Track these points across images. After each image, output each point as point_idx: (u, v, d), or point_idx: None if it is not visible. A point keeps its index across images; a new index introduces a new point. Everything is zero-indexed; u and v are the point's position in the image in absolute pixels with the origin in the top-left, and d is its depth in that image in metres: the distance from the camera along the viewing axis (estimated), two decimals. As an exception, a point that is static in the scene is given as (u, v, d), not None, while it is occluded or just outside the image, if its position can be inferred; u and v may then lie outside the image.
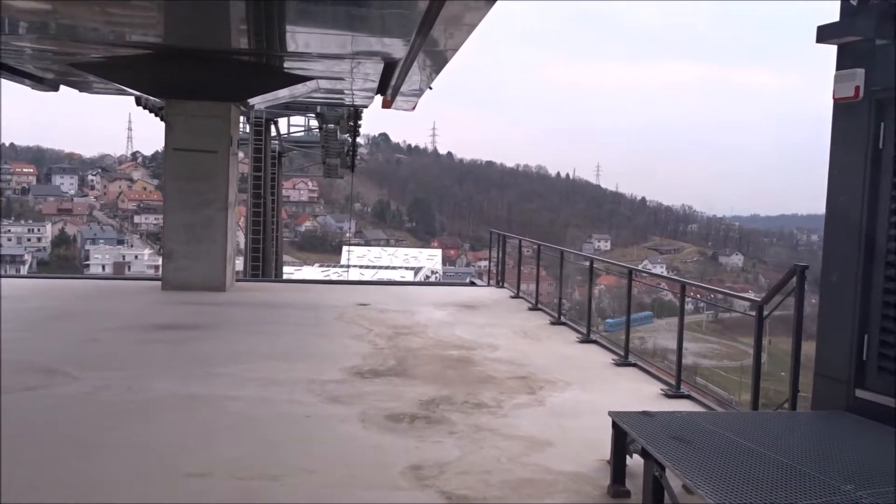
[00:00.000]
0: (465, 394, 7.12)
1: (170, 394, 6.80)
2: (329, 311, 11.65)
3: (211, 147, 12.91)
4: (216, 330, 9.93)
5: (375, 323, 10.73)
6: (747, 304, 10.94)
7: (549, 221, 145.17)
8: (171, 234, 13.04)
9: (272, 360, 8.28)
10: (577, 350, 9.45)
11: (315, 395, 6.90)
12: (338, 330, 10.20)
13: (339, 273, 51.19)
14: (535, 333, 10.41)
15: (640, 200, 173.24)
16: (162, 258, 13.40)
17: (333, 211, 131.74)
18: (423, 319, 11.19)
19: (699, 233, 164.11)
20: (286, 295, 13.42)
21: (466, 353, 8.97)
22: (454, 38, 9.74)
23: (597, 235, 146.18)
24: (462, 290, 15.18)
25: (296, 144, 30.47)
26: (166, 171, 13.09)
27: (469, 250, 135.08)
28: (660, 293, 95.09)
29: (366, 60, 11.23)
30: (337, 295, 13.58)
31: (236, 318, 10.91)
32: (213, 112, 12.87)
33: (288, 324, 10.54)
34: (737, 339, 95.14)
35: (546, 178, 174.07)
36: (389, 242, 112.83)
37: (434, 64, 11.02)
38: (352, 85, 14.78)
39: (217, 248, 13.03)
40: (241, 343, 9.16)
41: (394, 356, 8.64)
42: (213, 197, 12.99)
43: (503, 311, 12.25)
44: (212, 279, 13.00)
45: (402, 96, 15.19)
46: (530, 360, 8.66)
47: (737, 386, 77.79)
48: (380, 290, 14.53)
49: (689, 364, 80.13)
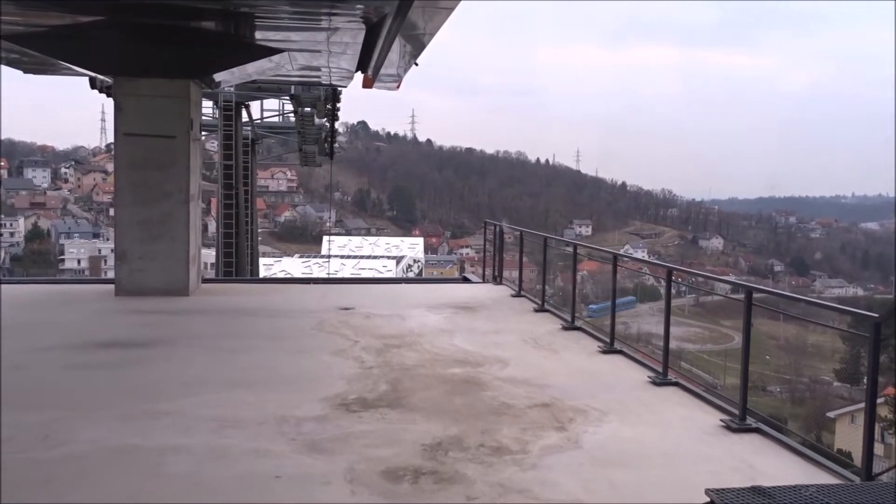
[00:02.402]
0: (478, 432, 5.63)
1: (96, 446, 5.23)
2: (307, 317, 10.09)
3: (168, 131, 11.26)
4: (171, 347, 8.33)
5: (361, 332, 9.20)
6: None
7: (530, 207, 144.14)
8: (123, 231, 11.38)
9: (235, 388, 6.73)
10: (602, 363, 7.97)
11: (288, 441, 5.38)
12: (317, 343, 8.64)
13: (319, 263, 49.51)
14: (547, 342, 8.92)
15: (620, 185, 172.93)
16: (114, 260, 11.76)
17: (313, 200, 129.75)
18: (415, 326, 9.67)
19: (679, 217, 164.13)
20: (259, 298, 11.84)
21: (472, 371, 7.48)
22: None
23: (578, 221, 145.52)
24: (456, 288, 13.66)
25: (270, 131, 28.65)
26: (116, 159, 11.43)
27: (450, 238, 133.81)
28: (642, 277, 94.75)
29: (344, 24, 9.59)
30: (316, 297, 12.02)
31: (197, 330, 9.32)
32: (169, 91, 11.21)
33: (258, 337, 8.96)
34: (718, 323, 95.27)
35: (526, 164, 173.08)
36: (370, 231, 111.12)
37: (426, 26, 9.42)
38: (328, 60, 13.14)
39: (177, 247, 11.41)
40: (198, 365, 7.58)
41: (385, 378, 7.13)
42: (171, 188, 11.35)
43: (506, 314, 10.76)
44: (172, 282, 11.38)
45: (385, 74, 13.57)
46: (549, 379, 7.19)
47: (721, 370, 77.33)
48: (364, 290, 12.99)
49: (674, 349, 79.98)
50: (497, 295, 12.37)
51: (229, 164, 22.56)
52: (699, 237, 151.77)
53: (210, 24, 10.33)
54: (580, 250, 11.25)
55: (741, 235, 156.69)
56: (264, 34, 10.77)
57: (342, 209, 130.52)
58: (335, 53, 12.10)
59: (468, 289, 13.47)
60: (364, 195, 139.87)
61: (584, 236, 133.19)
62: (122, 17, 9.96)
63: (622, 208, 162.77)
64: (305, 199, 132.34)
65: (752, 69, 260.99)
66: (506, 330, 9.57)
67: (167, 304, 10.74)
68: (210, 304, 11.09)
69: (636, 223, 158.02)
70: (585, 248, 11.03)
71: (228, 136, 22.55)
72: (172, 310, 10.41)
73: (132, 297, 11.22)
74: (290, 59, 12.40)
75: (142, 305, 10.63)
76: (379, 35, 10.82)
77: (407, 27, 9.84)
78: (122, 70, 11.08)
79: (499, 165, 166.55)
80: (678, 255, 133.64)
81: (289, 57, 12.06)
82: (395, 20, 9.77)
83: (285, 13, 9.07)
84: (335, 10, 8.79)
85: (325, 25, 9.53)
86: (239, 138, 23.01)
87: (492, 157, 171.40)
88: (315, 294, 12.44)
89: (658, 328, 50.27)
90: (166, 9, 9.46)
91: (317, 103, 21.95)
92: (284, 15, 9.08)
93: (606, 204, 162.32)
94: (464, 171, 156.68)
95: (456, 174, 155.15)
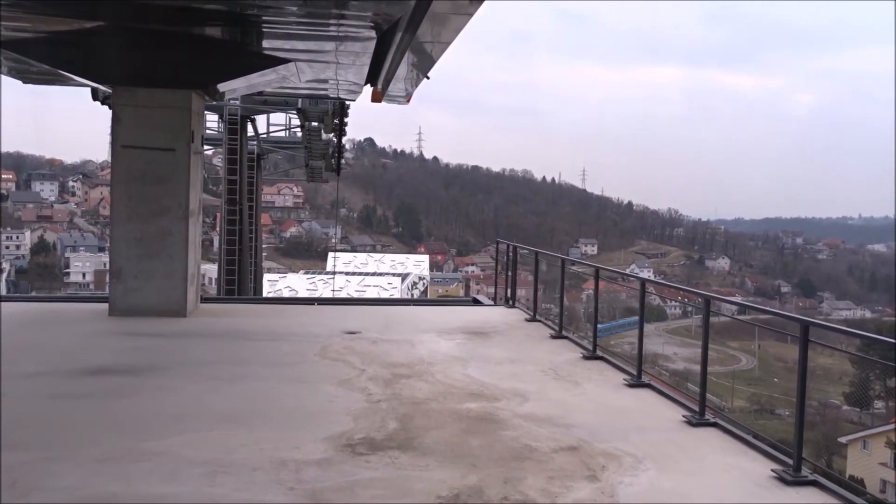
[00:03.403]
0: (500, 481, 5.01)
1: (70, 495, 4.62)
2: (310, 342, 9.48)
3: (167, 144, 10.72)
4: (163, 375, 7.72)
5: (367, 360, 8.59)
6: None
7: (536, 225, 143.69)
8: (119, 248, 10.81)
9: (229, 424, 6.12)
10: (629, 399, 7.33)
11: (285, 491, 4.76)
12: (320, 371, 8.03)
13: (324, 280, 48.92)
14: (567, 373, 8.29)
15: (626, 204, 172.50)
16: (109, 277, 11.18)
17: (319, 216, 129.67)
18: (425, 353, 9.05)
19: (685, 236, 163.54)
20: (260, 320, 11.23)
21: (489, 406, 6.85)
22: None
23: (583, 240, 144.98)
24: (467, 311, 13.02)
25: (276, 145, 28.16)
26: (113, 173, 10.89)
27: (456, 255, 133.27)
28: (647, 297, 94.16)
29: (353, 31, 9.04)
30: (320, 319, 11.41)
31: (192, 355, 8.71)
32: (169, 101, 10.69)
33: (257, 363, 8.35)
34: (725, 344, 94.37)
35: (532, 183, 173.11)
36: (376, 248, 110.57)
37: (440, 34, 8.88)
38: (336, 72, 12.63)
39: (175, 265, 10.84)
40: (191, 396, 6.97)
41: (394, 414, 6.51)
42: (170, 203, 10.80)
43: (521, 341, 10.13)
44: (169, 302, 10.80)
45: (395, 87, 13.05)
46: (574, 417, 6.56)
47: (728, 392, 76.07)
48: (371, 312, 12.38)
49: (681, 370, 78.66)
50: (511, 319, 11.74)
51: (233, 179, 22.03)
52: (705, 257, 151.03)
53: (214, 30, 9.82)
54: (585, 268, 10.26)
55: (747, 256, 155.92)
56: (271, 42, 10.25)
57: (348, 225, 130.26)
58: (344, 65, 11.59)
59: (480, 312, 12.84)
60: (370, 212, 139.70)
61: (590, 255, 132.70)
62: (121, 22, 9.46)
63: (628, 227, 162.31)
64: (311, 215, 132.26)
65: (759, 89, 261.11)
66: (522, 359, 8.94)
67: (163, 326, 10.15)
68: (208, 326, 10.49)
69: (642, 242, 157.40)
70: (608, 272, 10.27)
71: (233, 150, 22.04)
72: (168, 332, 9.81)
73: (127, 317, 10.63)
74: (298, 71, 11.89)
75: (136, 327, 10.04)
76: (390, 45, 10.32)
77: (419, 36, 9.33)
78: (119, 79, 10.58)
79: (505, 183, 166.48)
80: (684, 276, 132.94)
81: (296, 68, 11.55)
82: (407, 28, 9.27)
83: (293, 15, 8.53)
84: (344, 15, 8.25)
85: (333, 32, 9.01)
86: (244, 153, 22.50)
87: (498, 174, 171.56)
88: (319, 316, 11.85)
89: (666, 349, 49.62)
90: (168, 13, 8.96)
91: (324, 117, 21.45)
92: (292, 16, 8.53)
93: (612, 223, 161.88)
94: (470, 189, 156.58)
95: (462, 192, 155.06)
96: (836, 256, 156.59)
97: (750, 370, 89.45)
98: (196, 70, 10.63)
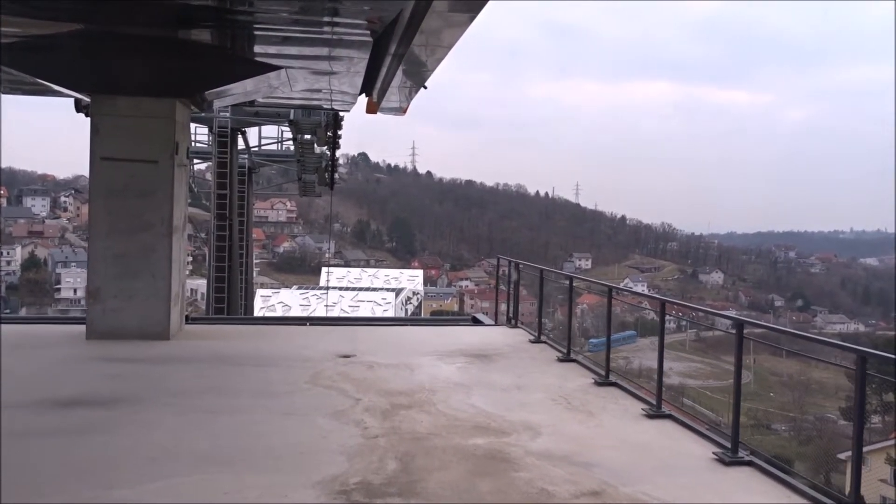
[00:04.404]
0: (516, 537, 4.37)
1: (17, 561, 3.97)
2: (301, 367, 8.83)
3: (150, 156, 10.10)
4: (140, 407, 7.05)
5: (363, 387, 7.94)
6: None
7: (530, 240, 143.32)
8: (97, 266, 10.13)
9: (210, 466, 5.46)
10: (651, 432, 6.70)
11: (271, 552, 4.11)
12: (312, 402, 7.38)
13: (317, 295, 48.22)
14: (580, 401, 7.66)
15: (619, 219, 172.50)
16: (86, 298, 10.53)
17: (312, 231, 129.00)
18: (425, 379, 8.42)
19: (679, 250, 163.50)
20: (248, 343, 10.57)
21: (497, 442, 6.21)
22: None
23: (578, 254, 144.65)
24: (467, 331, 12.36)
25: (268, 159, 27.51)
26: (92, 186, 10.23)
27: (450, 270, 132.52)
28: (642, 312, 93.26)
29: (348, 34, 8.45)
30: (312, 341, 10.76)
31: (173, 384, 8.03)
32: (152, 111, 10.07)
33: (243, 393, 7.69)
34: (720, 358, 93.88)
35: (526, 197, 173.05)
36: (370, 263, 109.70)
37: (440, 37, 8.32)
38: (330, 82, 12.05)
39: (158, 285, 10.17)
40: (169, 432, 6.30)
41: (394, 451, 5.87)
42: (152, 219, 10.15)
43: (527, 365, 9.49)
44: (151, 324, 10.13)
45: (391, 96, 12.48)
46: (593, 455, 5.93)
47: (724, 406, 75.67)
48: (365, 333, 11.72)
49: (675, 384, 77.80)
50: (514, 341, 11.11)
51: (223, 194, 21.38)
52: (699, 271, 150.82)
53: (201, 33, 9.23)
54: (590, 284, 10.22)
55: (741, 270, 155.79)
56: (262, 47, 9.67)
57: (341, 240, 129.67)
58: (338, 73, 11.00)
59: (481, 333, 12.19)
60: (364, 226, 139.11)
61: (584, 269, 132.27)
62: (99, 26, 8.86)
63: (622, 241, 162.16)
64: (305, 229, 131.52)
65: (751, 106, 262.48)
66: (530, 385, 8.31)
67: (144, 351, 9.47)
68: (192, 350, 9.82)
69: (636, 257, 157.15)
70: (621, 292, 9.67)
71: (223, 163, 21.40)
72: (149, 357, 9.13)
73: (105, 340, 9.95)
74: (289, 79, 11.30)
75: (114, 351, 9.36)
76: (385, 53, 9.76)
77: (415, 44, 8.78)
78: (98, 87, 9.95)
79: (498, 198, 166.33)
80: (678, 290, 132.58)
81: (287, 76, 10.96)
82: (404, 35, 8.72)
83: (284, 13, 7.92)
84: (337, 11, 7.67)
85: (327, 35, 8.42)
86: (234, 166, 21.86)
87: (492, 189, 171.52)
88: (311, 338, 11.19)
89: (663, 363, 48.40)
90: (151, 15, 8.36)
91: (317, 129, 20.83)
92: (284, 13, 7.91)
93: (606, 237, 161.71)
94: (463, 204, 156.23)
95: (456, 206, 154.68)
96: (829, 270, 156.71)
97: (745, 384, 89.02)
98: (181, 77, 10.02)
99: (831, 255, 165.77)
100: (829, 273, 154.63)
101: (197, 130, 24.02)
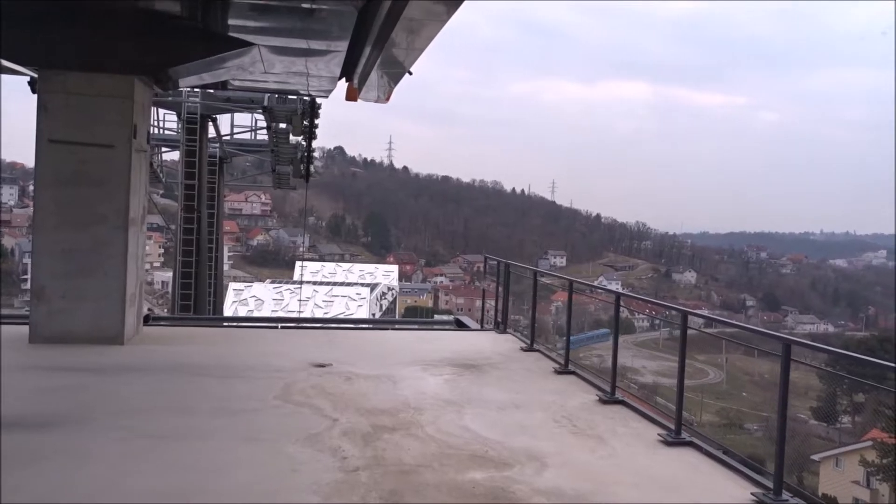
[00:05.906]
0: None
1: None
2: (270, 378, 7.86)
3: (104, 139, 9.05)
4: (79, 431, 6.03)
5: (341, 404, 7.00)
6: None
7: (506, 236, 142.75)
8: (43, 262, 9.06)
9: (156, 513, 4.50)
10: (673, 464, 5.84)
11: None
12: (281, 423, 6.42)
13: (291, 290, 47.08)
14: (586, 423, 6.79)
15: (594, 217, 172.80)
16: (30, 298, 9.46)
17: (287, 224, 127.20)
18: (410, 395, 7.50)
19: (653, 249, 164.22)
20: (212, 348, 9.57)
21: (498, 476, 5.32)
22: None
23: (552, 251, 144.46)
24: (452, 336, 11.45)
25: (240, 148, 26.31)
26: (38, 172, 9.16)
27: (425, 266, 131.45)
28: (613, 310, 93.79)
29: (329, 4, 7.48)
30: (284, 347, 9.79)
31: (121, 400, 7.00)
32: (107, 89, 9.02)
33: (202, 412, 6.69)
34: (693, 357, 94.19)
35: (502, 194, 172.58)
36: (344, 257, 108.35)
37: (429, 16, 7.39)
38: (307, 65, 11.06)
39: (112, 284, 9.13)
40: (106, 466, 5.29)
41: (377, 490, 4.95)
42: (106, 210, 9.11)
43: (522, 377, 8.61)
44: (104, 327, 9.09)
45: (372, 81, 11.52)
46: (609, 493, 5.08)
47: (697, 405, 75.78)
48: (343, 338, 10.78)
49: (650, 383, 77.86)
50: (504, 348, 10.22)
51: (191, 185, 20.20)
52: (672, 270, 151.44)
53: (166, 2, 8.20)
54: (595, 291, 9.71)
55: (713, 269, 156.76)
56: (233, 20, 8.66)
57: (316, 234, 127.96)
58: (316, 53, 10.03)
59: (468, 338, 11.28)
60: (339, 221, 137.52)
61: (559, 267, 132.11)
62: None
63: (596, 240, 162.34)
64: (279, 223, 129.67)
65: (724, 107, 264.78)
66: (528, 403, 7.43)
67: (93, 358, 8.43)
68: (148, 357, 8.79)
69: (610, 255, 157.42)
70: (628, 297, 8.85)
71: (191, 152, 20.23)
72: (98, 367, 8.09)
73: (51, 345, 8.90)
74: (263, 59, 10.30)
75: (60, 359, 8.31)
76: (370, 31, 8.81)
77: (404, 21, 7.85)
78: (47, 61, 8.87)
79: (475, 194, 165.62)
80: (652, 288, 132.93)
81: (261, 55, 9.95)
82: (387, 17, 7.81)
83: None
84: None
85: (307, 4, 7.45)
86: (204, 155, 20.70)
87: (468, 185, 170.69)
88: (282, 343, 10.21)
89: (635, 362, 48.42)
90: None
91: (293, 118, 19.75)
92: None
93: (581, 235, 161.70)
94: (439, 199, 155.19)
95: (432, 202, 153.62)
96: (800, 271, 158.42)
97: (718, 384, 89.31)
98: (141, 52, 8.98)
99: (802, 256, 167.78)
100: (800, 274, 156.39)
101: (165, 116, 22.82)
